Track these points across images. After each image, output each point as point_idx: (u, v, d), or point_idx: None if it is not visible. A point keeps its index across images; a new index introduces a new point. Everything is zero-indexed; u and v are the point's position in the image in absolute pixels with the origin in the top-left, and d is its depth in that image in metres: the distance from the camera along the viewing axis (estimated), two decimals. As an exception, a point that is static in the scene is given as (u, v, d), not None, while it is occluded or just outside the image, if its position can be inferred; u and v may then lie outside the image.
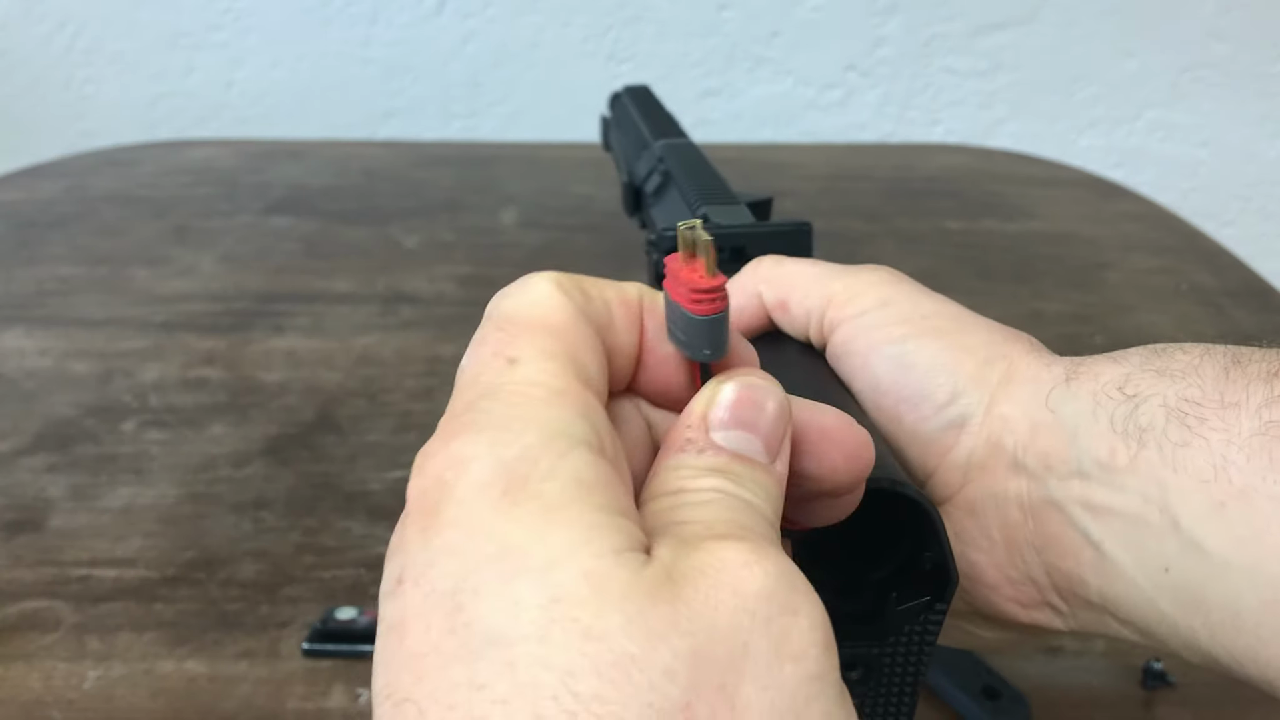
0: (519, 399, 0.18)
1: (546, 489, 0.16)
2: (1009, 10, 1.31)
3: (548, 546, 0.15)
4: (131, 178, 1.07)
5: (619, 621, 0.15)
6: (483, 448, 0.17)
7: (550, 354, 0.19)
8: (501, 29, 1.32)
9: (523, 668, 0.14)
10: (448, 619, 0.15)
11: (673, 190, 0.45)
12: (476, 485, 0.16)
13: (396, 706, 0.15)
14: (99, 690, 0.43)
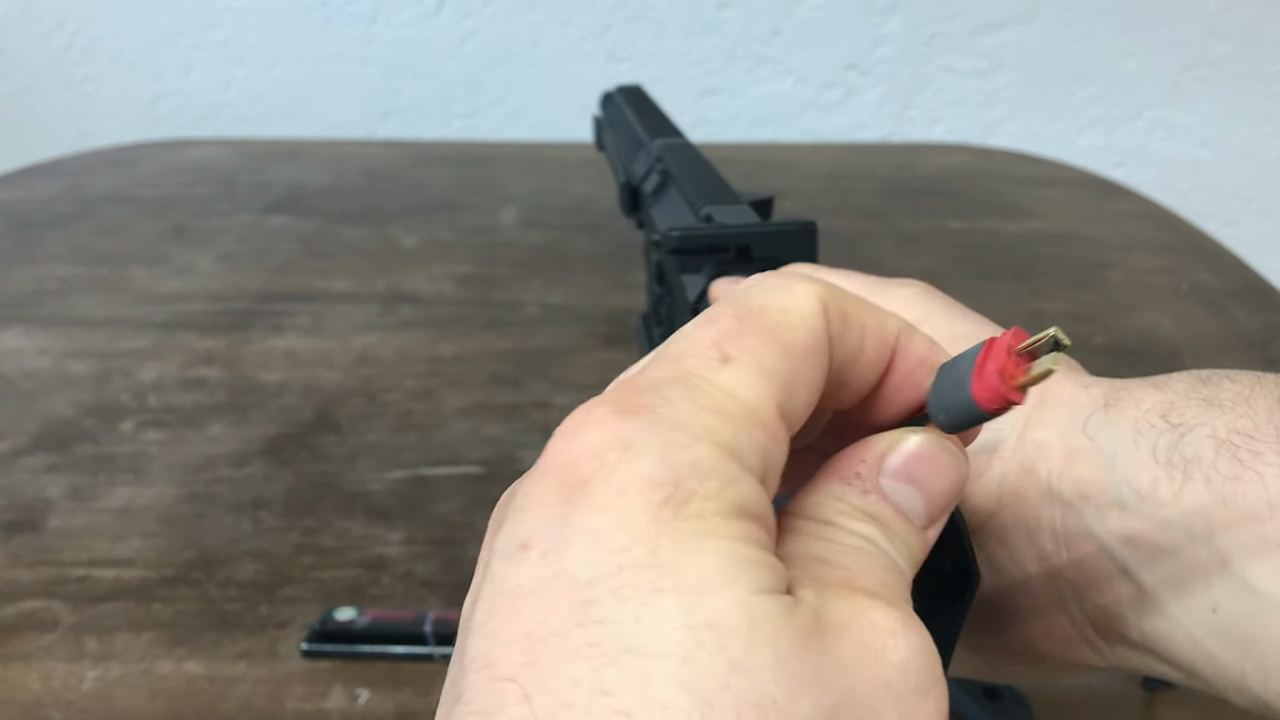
0: (710, 403, 0.16)
1: (709, 510, 0.15)
2: (1009, 9, 1.31)
3: (703, 570, 0.15)
4: (130, 177, 1.07)
5: (768, 660, 0.14)
6: (655, 442, 0.15)
7: (769, 371, 0.17)
8: (501, 28, 1.32)
9: (659, 685, 0.14)
10: (578, 610, 0.14)
11: (672, 190, 0.45)
12: (640, 482, 0.15)
13: (495, 681, 0.14)
14: (97, 691, 0.43)
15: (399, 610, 0.46)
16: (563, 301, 0.78)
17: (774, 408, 0.17)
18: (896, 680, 0.15)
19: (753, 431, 0.16)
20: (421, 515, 0.54)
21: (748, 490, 0.16)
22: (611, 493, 0.15)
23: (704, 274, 0.34)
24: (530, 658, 0.14)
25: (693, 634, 0.14)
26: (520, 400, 0.65)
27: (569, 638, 0.14)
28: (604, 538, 0.15)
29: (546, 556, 0.15)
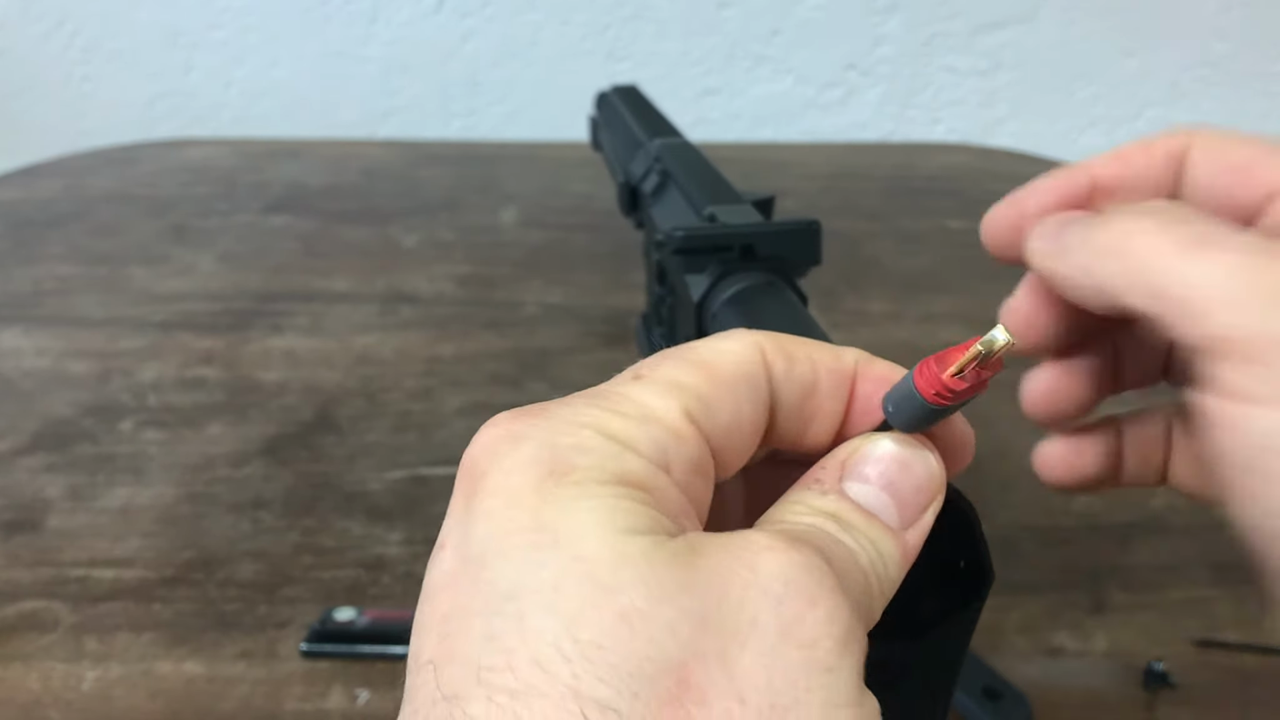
0: (607, 404, 0.18)
1: (589, 478, 0.16)
2: (1009, 9, 1.31)
3: (578, 522, 0.16)
4: (130, 177, 1.07)
5: (631, 577, 0.15)
6: (542, 431, 0.17)
7: (678, 385, 0.18)
8: (500, 28, 1.32)
9: (531, 616, 0.15)
10: (476, 582, 0.16)
11: (672, 190, 0.45)
12: (525, 461, 0.17)
13: (419, 670, 0.16)
14: (97, 691, 0.43)
15: (399, 610, 0.46)
16: (563, 301, 0.78)
17: (679, 412, 0.18)
18: (774, 587, 0.15)
19: (648, 427, 0.17)
20: (421, 515, 0.54)
21: (633, 464, 0.17)
22: (501, 476, 0.17)
23: (707, 274, 0.34)
24: (441, 636, 0.16)
25: (563, 569, 0.15)
26: (520, 400, 0.64)
27: (469, 605, 0.15)
28: (496, 514, 0.16)
29: (457, 549, 0.16)
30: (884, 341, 0.71)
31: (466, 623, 0.15)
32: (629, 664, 0.14)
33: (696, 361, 0.19)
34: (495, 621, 0.15)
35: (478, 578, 0.16)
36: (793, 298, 0.33)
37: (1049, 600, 0.48)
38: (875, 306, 0.76)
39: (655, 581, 0.15)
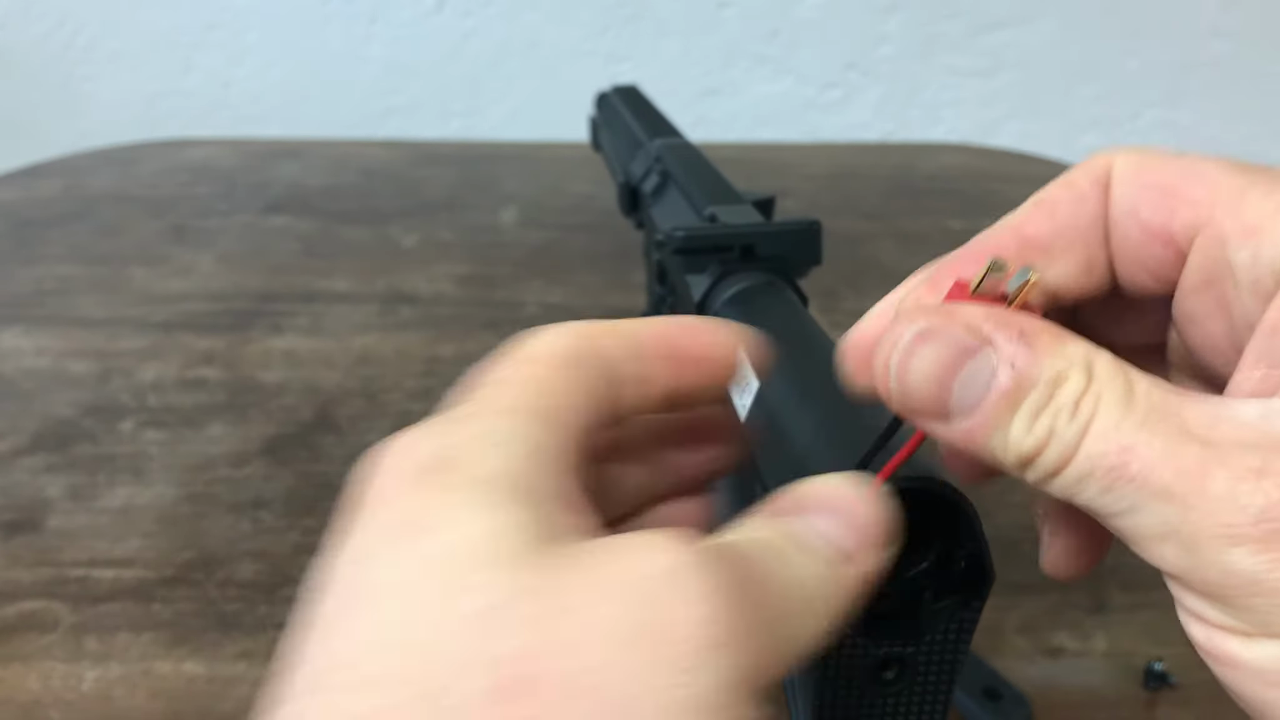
0: (477, 409, 0.18)
1: (473, 473, 0.16)
2: (1010, 9, 1.31)
3: (454, 517, 0.16)
4: (130, 177, 1.07)
5: (486, 578, 0.15)
6: (420, 438, 0.17)
7: (510, 380, 0.19)
8: (501, 28, 1.32)
9: (379, 611, 0.15)
10: (348, 585, 0.16)
11: (673, 190, 0.45)
12: (401, 466, 0.17)
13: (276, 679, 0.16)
14: (97, 691, 0.43)
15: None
16: (563, 301, 0.78)
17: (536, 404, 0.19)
18: (645, 585, 0.15)
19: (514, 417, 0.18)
20: (421, 515, 0.54)
21: (519, 455, 0.17)
22: (377, 485, 0.17)
23: (708, 274, 0.34)
24: (300, 642, 0.16)
25: (422, 566, 0.15)
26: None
27: (329, 610, 0.16)
28: (367, 522, 0.17)
29: (329, 579, 0.17)
30: (884, 341, 0.70)
31: (326, 629, 0.15)
32: (467, 659, 0.14)
33: (515, 355, 0.20)
34: (355, 620, 0.15)
35: (351, 581, 0.16)
36: (793, 298, 0.33)
37: (1049, 600, 0.48)
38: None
39: (515, 579, 0.15)
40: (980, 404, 0.17)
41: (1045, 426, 0.17)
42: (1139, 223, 0.19)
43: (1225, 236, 0.18)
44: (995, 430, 0.17)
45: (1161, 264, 0.20)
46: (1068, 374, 0.17)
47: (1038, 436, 0.17)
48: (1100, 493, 0.16)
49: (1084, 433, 0.16)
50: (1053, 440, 0.17)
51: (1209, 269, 0.19)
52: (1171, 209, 0.19)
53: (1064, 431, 0.17)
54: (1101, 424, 0.16)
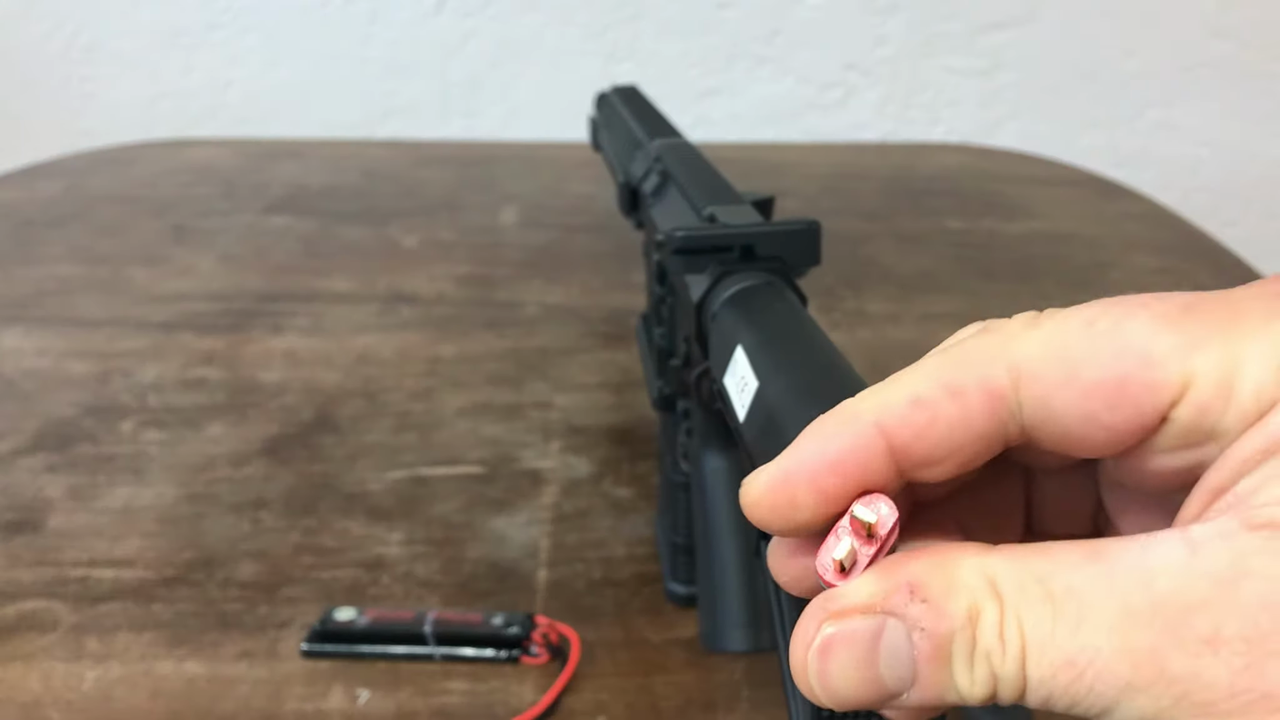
0: None
1: None
2: (1010, 9, 1.31)
3: None
4: (130, 177, 1.07)
5: None
6: None
7: None
8: (501, 28, 1.32)
9: None
10: None
11: (672, 190, 0.45)
12: None
13: None
14: (97, 691, 0.43)
15: (399, 610, 0.46)
16: (563, 301, 0.78)
17: None
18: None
19: None
20: (421, 515, 0.54)
21: None
22: None
23: (707, 274, 0.34)
24: None
25: None
26: (520, 400, 0.64)
27: None
28: None
29: None
30: (884, 342, 0.71)
31: None
32: None
33: None
34: None
35: None
36: (793, 298, 0.33)
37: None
38: (875, 306, 0.76)
39: None
40: (916, 675, 0.17)
41: (984, 670, 0.16)
42: (1102, 427, 0.17)
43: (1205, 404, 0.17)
44: (945, 688, 0.17)
45: (1127, 448, 0.18)
46: (978, 606, 0.16)
47: (982, 680, 0.16)
48: (1072, 705, 0.16)
49: (1022, 662, 0.16)
50: (999, 679, 0.16)
51: (1187, 437, 0.17)
52: (1137, 406, 0.17)
53: (1005, 669, 0.16)
54: (1035, 645, 0.16)
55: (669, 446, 0.47)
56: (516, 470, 0.57)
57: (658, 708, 0.42)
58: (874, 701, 0.17)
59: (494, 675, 0.43)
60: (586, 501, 0.55)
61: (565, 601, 0.48)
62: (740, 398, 0.28)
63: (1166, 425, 0.17)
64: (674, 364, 0.43)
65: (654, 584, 0.49)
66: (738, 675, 0.43)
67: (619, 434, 0.61)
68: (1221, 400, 0.16)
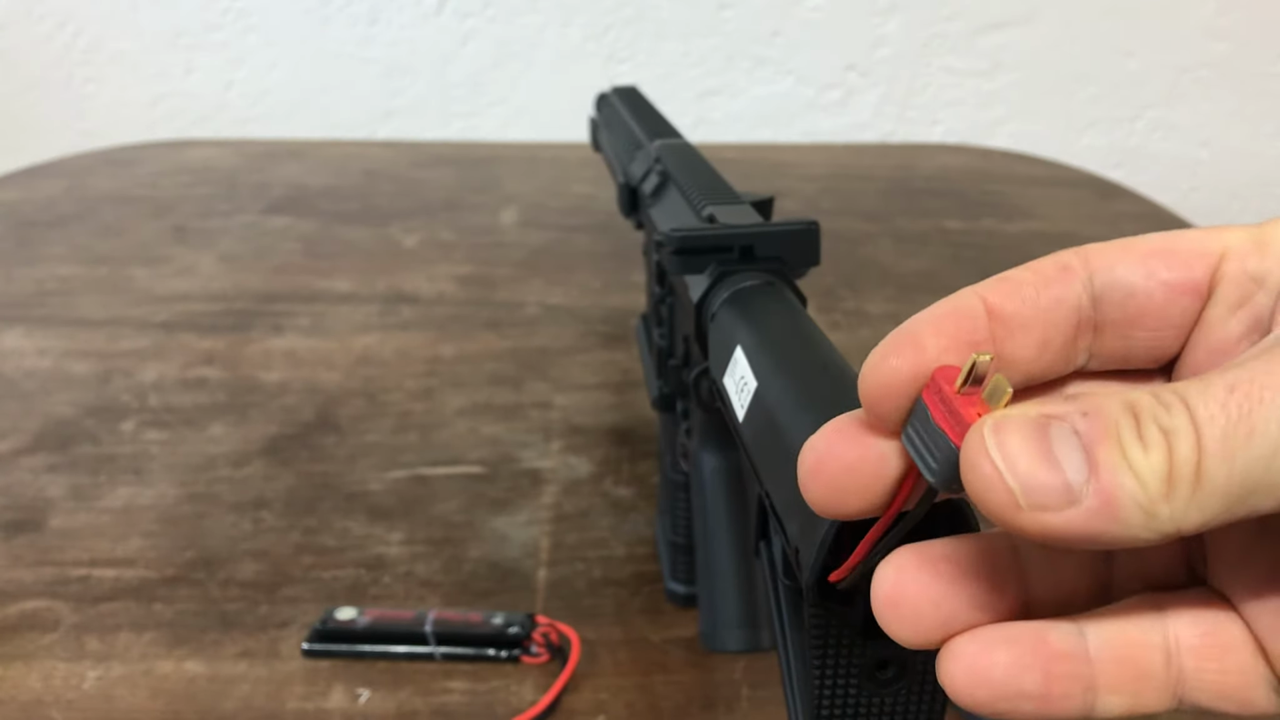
0: None
1: None
2: (1009, 10, 1.31)
3: None
4: (131, 177, 1.07)
5: None
6: None
7: None
8: (501, 29, 1.32)
9: None
10: None
11: (672, 190, 0.45)
12: None
13: None
14: (98, 690, 0.43)
15: (399, 610, 0.46)
16: (563, 301, 0.78)
17: None
18: None
19: None
20: (421, 515, 0.54)
21: None
22: None
23: (707, 274, 0.34)
24: None
25: None
26: (520, 400, 0.65)
27: None
28: None
29: None
30: (884, 342, 0.71)
31: None
32: None
33: None
34: None
35: None
36: (792, 298, 0.33)
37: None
38: (874, 307, 0.77)
39: None
40: (1088, 461, 0.16)
41: (1155, 434, 0.16)
42: (1162, 283, 0.20)
43: (1245, 256, 0.19)
44: (1119, 469, 0.16)
45: (1186, 316, 0.20)
46: (1134, 399, 0.16)
47: (1157, 445, 0.15)
48: (1245, 440, 0.15)
49: (1190, 412, 0.16)
50: (1171, 435, 0.15)
51: (1238, 291, 0.19)
52: (1186, 262, 0.20)
53: (1173, 421, 0.16)
54: (1195, 395, 0.16)
55: (669, 446, 0.47)
56: (517, 470, 0.58)
57: (658, 707, 0.42)
58: (1054, 498, 0.16)
59: (494, 675, 0.43)
60: (586, 501, 0.55)
61: (565, 601, 0.48)
62: (739, 398, 0.28)
63: (1218, 286, 0.19)
64: (674, 364, 0.43)
65: (654, 584, 0.49)
66: (737, 675, 0.43)
67: (619, 434, 0.61)
68: (1258, 254, 0.19)
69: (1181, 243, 0.20)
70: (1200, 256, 0.20)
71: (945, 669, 0.18)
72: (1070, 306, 0.20)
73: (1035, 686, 0.18)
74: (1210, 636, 0.19)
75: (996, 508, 0.16)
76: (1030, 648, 0.18)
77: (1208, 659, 0.19)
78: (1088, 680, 0.18)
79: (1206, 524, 0.15)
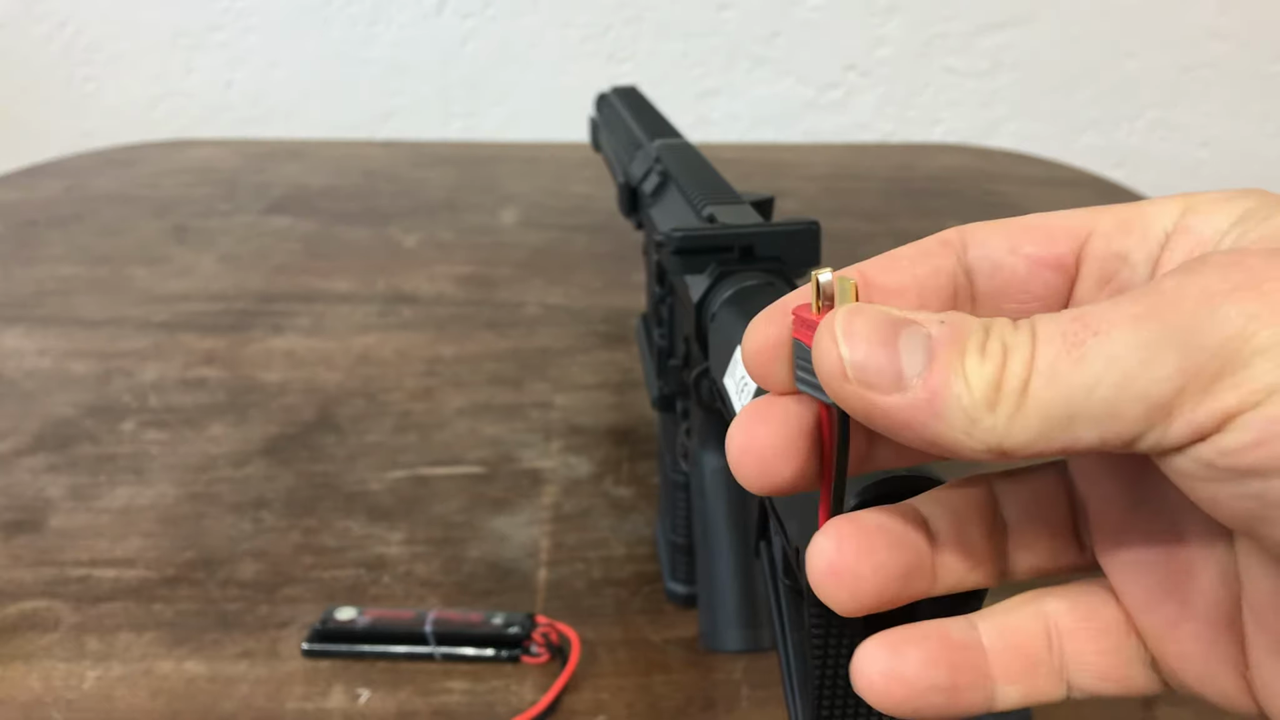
0: None
1: None
2: (1009, 10, 1.31)
3: None
4: (131, 178, 1.07)
5: None
6: None
7: None
8: (501, 29, 1.32)
9: None
10: None
11: (672, 190, 0.45)
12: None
13: None
14: (98, 690, 0.43)
15: (399, 610, 0.46)
16: (563, 301, 0.78)
17: None
18: None
19: None
20: (421, 515, 0.54)
21: None
22: None
23: (707, 274, 0.34)
24: None
25: None
26: (520, 400, 0.65)
27: None
28: None
29: None
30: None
31: None
32: None
33: None
34: None
35: None
36: (791, 298, 0.33)
37: (1048, 600, 0.48)
38: (875, 307, 0.76)
39: None
40: (931, 358, 0.16)
41: (996, 346, 0.16)
42: (1025, 257, 0.20)
43: (1109, 234, 0.20)
44: (952, 373, 0.16)
45: (1050, 289, 0.20)
46: (993, 319, 0.17)
47: (994, 355, 0.16)
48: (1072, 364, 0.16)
49: (1033, 333, 0.16)
50: (1009, 351, 0.16)
51: (1103, 268, 0.20)
52: (1051, 238, 0.20)
53: (1014, 337, 0.16)
54: (1044, 321, 0.16)
55: (669, 446, 0.47)
56: (517, 470, 0.58)
57: (657, 707, 0.42)
58: (882, 380, 0.17)
59: (494, 675, 0.43)
60: (586, 501, 0.55)
61: (565, 601, 0.48)
62: (740, 398, 0.28)
63: (1085, 263, 0.20)
64: (674, 364, 0.43)
65: (654, 584, 0.49)
66: (737, 675, 0.43)
67: (619, 434, 0.61)
68: (1123, 233, 0.20)
69: (1053, 221, 0.20)
70: (1067, 233, 0.20)
71: (861, 672, 0.19)
72: (946, 276, 0.20)
73: (944, 679, 0.19)
74: (1087, 620, 0.20)
75: (826, 376, 0.17)
76: (936, 643, 0.19)
77: (1085, 641, 0.20)
78: (985, 671, 0.19)
79: (1030, 445, 0.16)
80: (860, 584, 0.19)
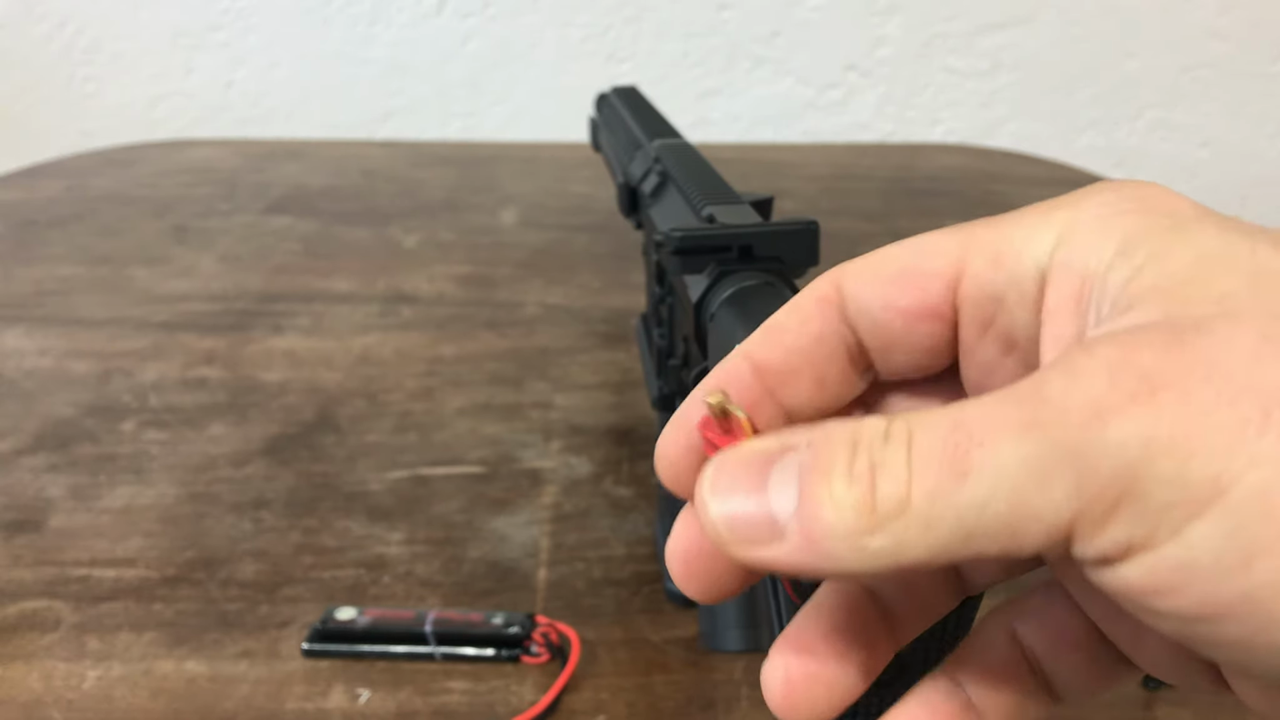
0: None
1: None
2: (1009, 10, 1.31)
3: None
4: (131, 178, 1.07)
5: None
6: None
7: None
8: (501, 29, 1.32)
9: None
10: None
11: (671, 190, 0.45)
12: None
13: None
14: (98, 690, 0.43)
15: (399, 610, 0.46)
16: (563, 301, 0.78)
17: None
18: None
19: None
20: (421, 515, 0.54)
21: None
22: None
23: (706, 274, 0.34)
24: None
25: None
26: (520, 400, 0.65)
27: None
28: None
29: None
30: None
31: None
32: None
33: None
34: None
35: None
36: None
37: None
38: (875, 307, 0.76)
39: None
40: (800, 490, 0.15)
41: (864, 464, 0.15)
42: (899, 312, 0.19)
43: (980, 275, 0.19)
44: (819, 504, 0.15)
45: (935, 339, 0.19)
46: (864, 426, 0.16)
47: (860, 479, 0.15)
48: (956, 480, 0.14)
49: (908, 445, 0.15)
50: (881, 471, 0.15)
51: (981, 313, 0.19)
52: (922, 287, 0.19)
53: (889, 454, 0.15)
54: (921, 429, 0.15)
55: (668, 446, 0.47)
56: (516, 470, 0.58)
57: (658, 707, 0.42)
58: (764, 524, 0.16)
59: (494, 675, 0.43)
60: (586, 501, 0.55)
61: (565, 601, 0.48)
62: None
63: (962, 308, 0.19)
64: (674, 364, 0.43)
65: (654, 584, 0.49)
66: (737, 675, 0.43)
67: (619, 434, 0.61)
68: (994, 269, 0.18)
69: (925, 263, 0.19)
70: (939, 279, 0.19)
71: None
72: (833, 340, 0.20)
73: None
74: (1059, 637, 0.20)
75: (711, 539, 0.17)
76: None
77: (1063, 657, 0.20)
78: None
79: (933, 557, 0.15)
80: (818, 707, 0.19)
